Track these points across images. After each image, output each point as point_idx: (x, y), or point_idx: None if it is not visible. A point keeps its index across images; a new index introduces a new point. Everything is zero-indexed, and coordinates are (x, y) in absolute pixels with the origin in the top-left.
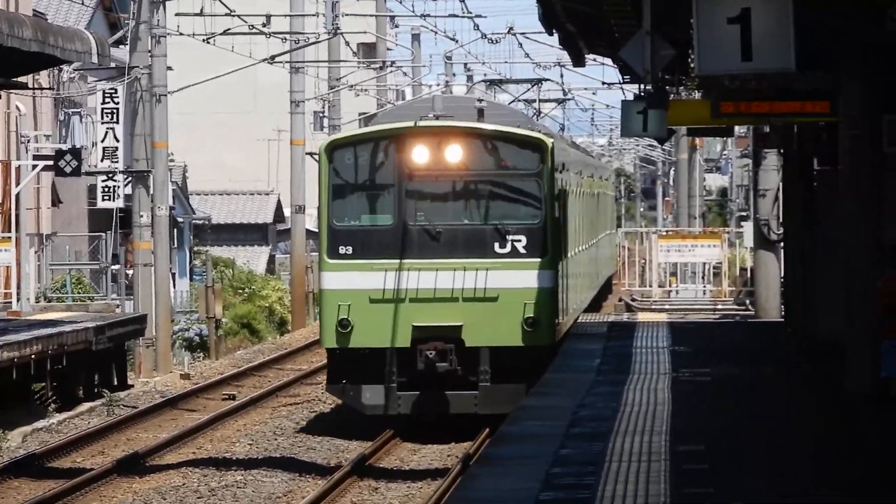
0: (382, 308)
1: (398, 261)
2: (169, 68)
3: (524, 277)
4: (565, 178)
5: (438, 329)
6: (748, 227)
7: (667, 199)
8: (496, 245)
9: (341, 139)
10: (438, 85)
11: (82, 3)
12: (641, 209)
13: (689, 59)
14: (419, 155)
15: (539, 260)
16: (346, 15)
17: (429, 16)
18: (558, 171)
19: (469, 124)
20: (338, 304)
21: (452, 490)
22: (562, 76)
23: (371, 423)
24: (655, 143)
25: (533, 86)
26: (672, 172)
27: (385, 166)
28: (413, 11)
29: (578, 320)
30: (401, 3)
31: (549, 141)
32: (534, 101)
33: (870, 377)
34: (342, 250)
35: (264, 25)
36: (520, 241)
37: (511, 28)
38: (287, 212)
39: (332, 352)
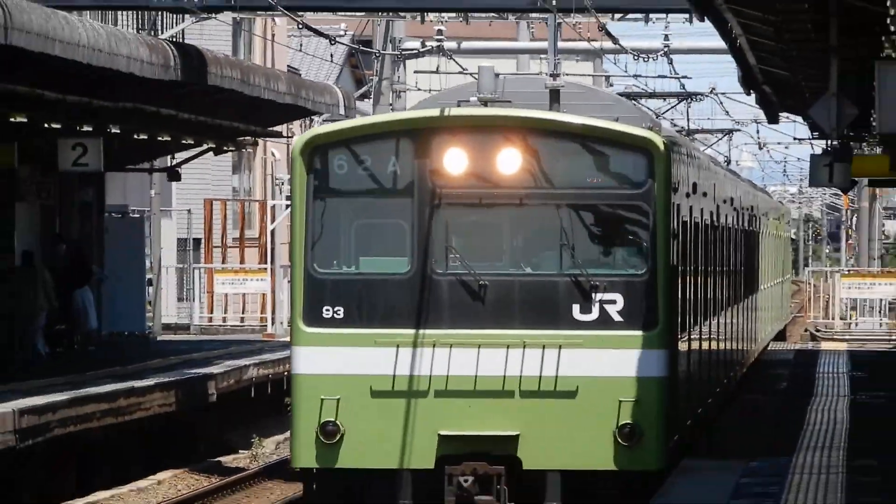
0: (391, 406)
1: (417, 331)
2: None
3: (620, 360)
4: (699, 206)
5: (480, 441)
6: None
7: (849, 241)
8: (576, 308)
9: (326, 135)
10: None
11: (332, 61)
12: (827, 251)
13: (871, 119)
14: (452, 162)
15: (643, 333)
16: (567, 74)
17: (640, 76)
18: (682, 192)
19: (534, 114)
20: (320, 399)
21: (655, 497)
22: (758, 131)
23: None
24: (840, 192)
25: (681, 101)
26: (854, 218)
27: (397, 180)
28: (626, 72)
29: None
30: (615, 63)
31: (660, 142)
32: (680, 129)
33: None
34: (328, 313)
35: None
36: (614, 301)
37: (713, 88)
38: None
39: (311, 475)
